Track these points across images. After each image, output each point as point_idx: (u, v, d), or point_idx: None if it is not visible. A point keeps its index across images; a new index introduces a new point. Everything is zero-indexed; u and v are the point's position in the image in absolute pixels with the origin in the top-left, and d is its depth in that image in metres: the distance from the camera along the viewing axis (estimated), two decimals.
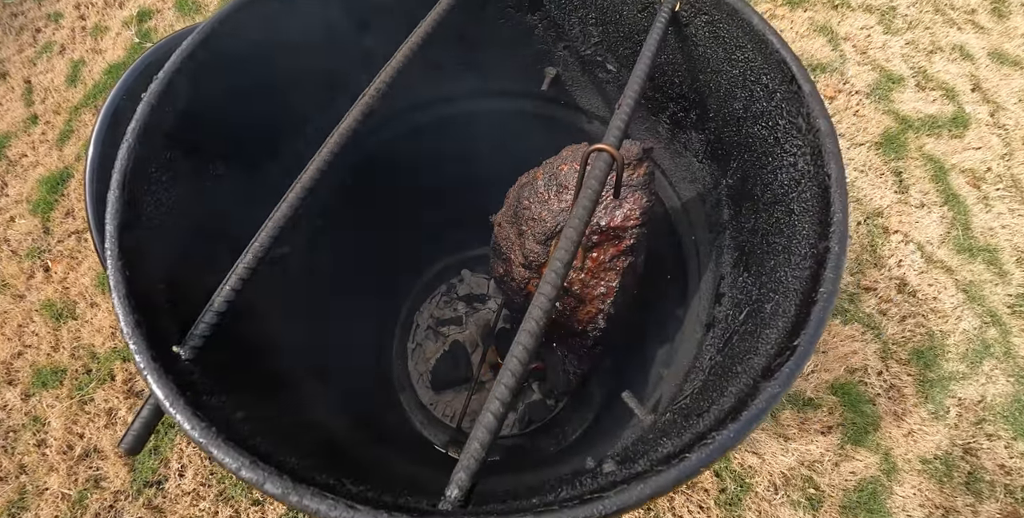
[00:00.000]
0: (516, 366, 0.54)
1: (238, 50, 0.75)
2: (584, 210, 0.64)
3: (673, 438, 0.63)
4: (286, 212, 0.63)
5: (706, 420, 0.59)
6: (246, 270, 0.59)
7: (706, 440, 0.51)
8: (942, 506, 1.72)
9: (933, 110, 2.12)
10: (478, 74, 1.04)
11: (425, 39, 0.73)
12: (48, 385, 1.70)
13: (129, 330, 0.52)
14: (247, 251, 0.60)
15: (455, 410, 1.56)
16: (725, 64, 0.81)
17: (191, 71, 0.70)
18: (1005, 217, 2.04)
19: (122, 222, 0.57)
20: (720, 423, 0.53)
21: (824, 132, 0.66)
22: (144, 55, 0.97)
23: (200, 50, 0.70)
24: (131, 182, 0.61)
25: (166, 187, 0.67)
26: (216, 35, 0.72)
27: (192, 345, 0.57)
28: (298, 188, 0.64)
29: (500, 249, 0.99)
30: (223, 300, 0.58)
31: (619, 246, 0.82)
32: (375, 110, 0.70)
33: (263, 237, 0.61)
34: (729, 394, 0.60)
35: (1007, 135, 2.13)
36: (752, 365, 0.62)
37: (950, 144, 2.09)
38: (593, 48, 0.96)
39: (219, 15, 0.72)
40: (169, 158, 0.69)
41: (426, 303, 1.62)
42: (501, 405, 0.50)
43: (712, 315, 0.93)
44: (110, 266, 0.55)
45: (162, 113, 0.68)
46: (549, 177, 0.83)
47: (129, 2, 2.49)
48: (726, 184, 0.91)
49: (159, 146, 0.68)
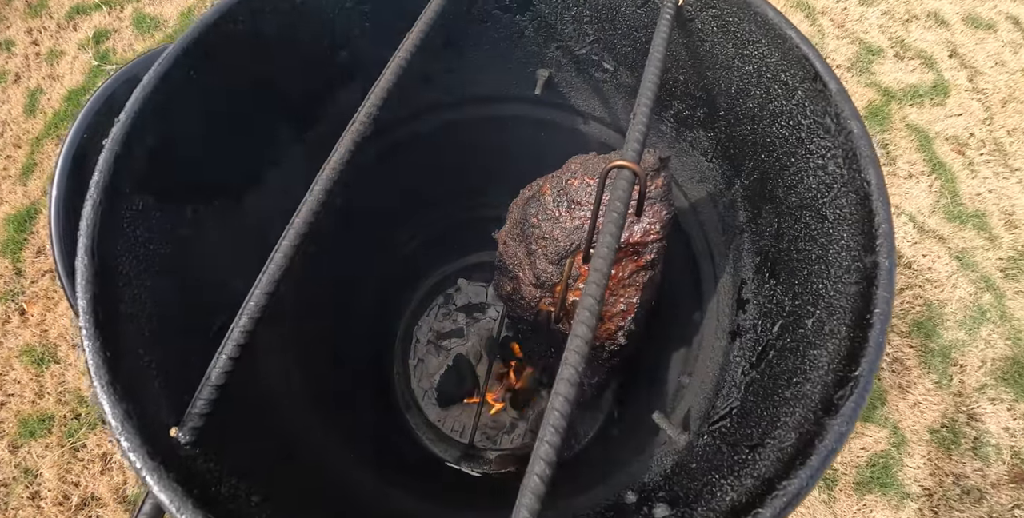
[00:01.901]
0: (557, 420, 0.49)
1: (207, 79, 0.67)
2: (612, 237, 0.58)
3: (727, 475, 0.59)
4: (281, 263, 0.56)
5: (764, 457, 0.55)
6: (242, 334, 0.52)
7: (776, 491, 0.47)
8: (952, 473, 1.75)
9: (914, 79, 2.10)
10: (466, 81, 0.97)
11: (412, 55, 0.66)
12: (36, 434, 1.61)
13: (118, 423, 0.46)
14: (242, 311, 0.53)
15: (464, 425, 1.51)
16: (736, 60, 0.75)
17: (156, 107, 0.62)
18: (991, 181, 2.05)
19: (96, 295, 0.50)
20: (787, 467, 0.49)
21: (857, 134, 0.61)
22: (104, 85, 0.86)
23: (163, 84, 0.62)
24: (101, 245, 0.53)
25: (142, 243, 0.59)
26: (179, 65, 0.63)
27: (192, 425, 0.51)
28: (291, 234, 0.57)
29: (507, 267, 0.94)
30: (220, 371, 0.51)
31: (639, 261, 0.77)
32: (367, 136, 0.63)
33: (258, 294, 0.54)
34: (785, 426, 0.56)
35: (986, 99, 2.13)
36: (804, 392, 0.58)
37: (932, 112, 2.08)
38: (588, 47, 0.89)
39: (182, 42, 0.64)
40: (140, 208, 0.61)
41: (424, 316, 1.55)
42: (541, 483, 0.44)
43: (736, 323, 0.89)
44: (87, 348, 0.48)
45: (128, 158, 0.60)
46: (558, 193, 0.77)
47: (84, 23, 2.31)
48: (741, 185, 0.86)
49: (128, 195, 0.60)
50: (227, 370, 0.49)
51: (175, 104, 0.65)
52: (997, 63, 2.16)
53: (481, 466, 1.44)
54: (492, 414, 1.51)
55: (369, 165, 1.02)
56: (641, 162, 0.76)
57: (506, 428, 1.51)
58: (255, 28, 0.72)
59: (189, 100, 0.68)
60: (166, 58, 0.61)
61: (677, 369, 1.08)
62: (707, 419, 0.81)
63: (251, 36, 0.74)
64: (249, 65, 0.75)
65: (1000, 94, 2.12)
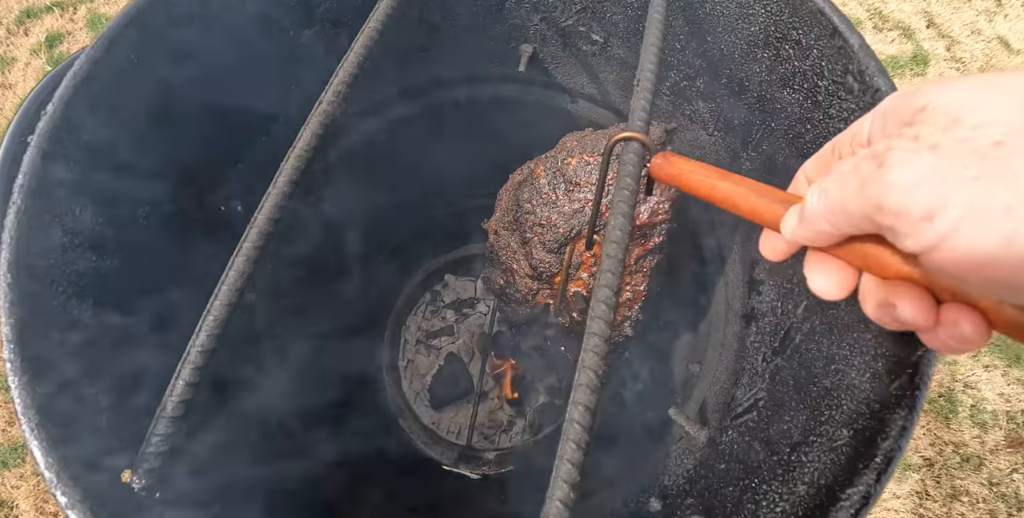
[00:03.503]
0: (579, 434, 0.41)
1: (150, 64, 0.58)
2: (625, 218, 0.51)
3: (769, 480, 0.53)
4: (243, 269, 0.47)
5: (814, 459, 0.48)
6: (201, 355, 0.44)
7: (841, 501, 0.41)
8: (951, 442, 1.74)
9: (893, 50, 2.07)
10: (442, 61, 0.89)
11: (380, 32, 0.58)
12: (9, 464, 1.51)
13: (53, 474, 0.37)
14: (199, 327, 0.45)
15: (460, 426, 1.44)
16: (740, 21, 0.69)
17: (89, 98, 0.53)
18: None
19: (22, 320, 0.41)
20: (849, 471, 0.43)
21: (886, 92, 0.55)
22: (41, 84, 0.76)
23: (96, 69, 0.53)
24: (26, 259, 0.44)
25: (78, 254, 0.50)
26: (117, 46, 0.54)
27: (148, 467, 0.42)
28: (253, 234, 0.49)
29: (499, 259, 0.86)
30: (177, 400, 0.42)
31: (646, 245, 0.70)
32: (328, 130, 0.54)
33: (217, 305, 0.45)
34: (832, 421, 0.50)
35: (964, 68, 2.12)
36: (849, 381, 0.52)
37: (914, 83, 2.06)
38: (575, 17, 0.81)
39: (120, 21, 0.54)
40: (76, 214, 0.52)
41: (411, 316, 1.47)
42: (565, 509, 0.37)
43: (750, 305, 0.83)
44: (13, 384, 0.39)
45: (56, 158, 0.50)
46: (553, 174, 0.70)
47: (35, 27, 2.15)
48: (748, 157, 0.80)
49: (58, 201, 0.51)
50: (185, 398, 0.41)
51: (111, 93, 0.56)
52: (973, 32, 2.15)
53: (480, 467, 1.37)
54: (511, 398, 1.44)
55: (338, 162, 0.93)
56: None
57: (503, 426, 1.44)
58: (199, 4, 0.63)
59: (129, 88, 0.59)
60: (102, 38, 0.52)
61: (684, 357, 1.02)
62: (728, 412, 0.75)
63: (195, 15, 0.64)
64: (198, 48, 0.66)
65: (978, 62, 2.11)
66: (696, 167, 0.49)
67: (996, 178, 0.24)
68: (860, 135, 0.34)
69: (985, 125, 0.25)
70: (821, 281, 0.37)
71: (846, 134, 0.36)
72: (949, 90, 0.27)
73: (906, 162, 0.26)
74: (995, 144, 0.24)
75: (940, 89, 0.28)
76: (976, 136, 0.25)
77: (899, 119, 0.30)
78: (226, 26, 0.67)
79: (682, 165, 0.49)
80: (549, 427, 1.44)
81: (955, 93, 0.27)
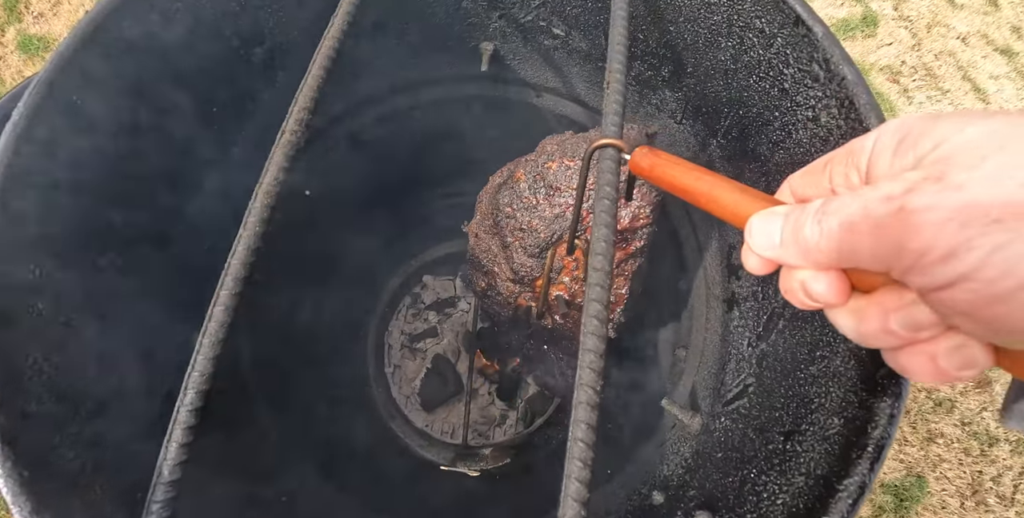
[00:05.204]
0: (583, 452, 0.42)
1: (95, 102, 0.54)
2: (608, 229, 0.50)
3: (766, 470, 0.55)
4: (222, 319, 0.46)
5: (808, 448, 0.50)
6: (191, 413, 0.42)
7: (839, 492, 0.43)
8: (923, 388, 1.84)
9: (844, 14, 2.10)
10: (401, 65, 0.86)
11: (340, 42, 0.55)
12: None
13: None
14: (186, 385, 0.43)
15: (453, 425, 1.45)
16: (702, 10, 0.68)
17: (38, 147, 0.50)
18: (925, 105, 2.09)
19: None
20: (843, 461, 0.44)
21: (852, 81, 0.56)
22: None
23: (38, 116, 0.49)
24: None
25: (48, 313, 0.48)
26: (57, 90, 0.51)
27: None
28: (229, 281, 0.47)
29: (480, 262, 0.85)
30: (173, 463, 0.41)
31: (627, 249, 0.71)
32: (294, 163, 0.52)
33: (200, 361, 0.44)
34: (822, 409, 0.52)
35: (912, 26, 2.15)
36: (835, 368, 0.54)
37: (865, 44, 2.09)
38: (535, 13, 0.79)
39: (56, 61, 0.50)
40: (38, 274, 0.49)
41: (393, 321, 1.46)
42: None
43: (730, 290, 0.85)
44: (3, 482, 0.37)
45: (11, 213, 0.47)
46: (534, 178, 0.69)
47: None
48: (718, 145, 0.80)
49: (22, 259, 0.48)
50: (180, 460, 0.39)
51: (60, 140, 0.53)
52: None
53: (477, 463, 1.39)
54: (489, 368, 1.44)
55: (298, 179, 0.90)
56: (626, 139, 0.69)
57: (496, 421, 1.46)
58: (142, 33, 0.59)
59: (75, 131, 0.56)
60: (38, 86, 0.48)
61: (669, 342, 1.04)
62: (719, 398, 0.77)
63: (139, 44, 0.60)
64: (143, 79, 0.62)
65: (924, 20, 2.15)
66: (678, 160, 0.49)
67: (1019, 222, 0.24)
68: (859, 157, 0.34)
69: (1014, 168, 0.25)
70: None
71: (842, 152, 0.35)
72: (973, 126, 0.27)
73: (930, 205, 0.26)
74: (1020, 186, 0.24)
75: (962, 124, 0.27)
76: (1004, 177, 0.25)
77: (916, 153, 0.29)
78: (171, 60, 0.63)
79: (664, 157, 0.49)
80: (540, 418, 1.47)
81: (979, 130, 0.27)
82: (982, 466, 1.71)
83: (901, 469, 1.72)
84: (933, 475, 1.71)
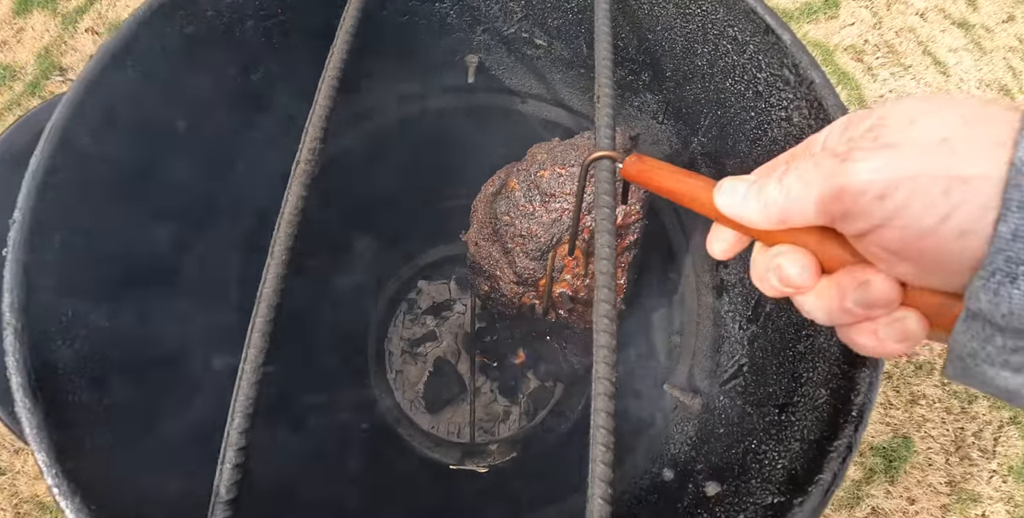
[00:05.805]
0: (605, 437, 0.47)
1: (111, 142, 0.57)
2: (610, 235, 0.55)
3: (765, 439, 0.61)
4: (261, 345, 0.49)
5: (801, 418, 0.56)
6: (241, 435, 0.45)
7: (830, 453, 0.48)
8: (904, 354, 1.92)
9: None
10: (389, 82, 0.89)
11: (342, 71, 0.59)
12: None
13: None
14: (232, 408, 0.46)
15: (459, 425, 1.49)
16: (678, 19, 0.72)
17: (57, 197, 0.53)
18: (889, 82, 2.17)
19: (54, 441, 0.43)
20: (832, 426, 0.50)
21: (820, 84, 0.61)
22: None
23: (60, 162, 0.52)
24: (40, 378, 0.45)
25: (82, 352, 0.51)
26: (73, 136, 0.54)
27: None
28: (263, 308, 0.51)
29: (481, 267, 0.90)
30: (229, 483, 0.43)
31: (622, 242, 0.76)
32: (311, 191, 0.56)
33: (244, 386, 0.47)
34: (811, 382, 0.58)
35: (872, 4, 2.22)
36: (819, 345, 0.59)
37: (828, 26, 2.15)
38: (517, 25, 0.83)
39: (67, 109, 0.53)
40: (70, 315, 0.53)
41: (391, 328, 1.49)
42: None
43: (719, 277, 0.90)
44: None
45: (39, 264, 0.51)
46: (528, 186, 0.74)
47: None
48: (699, 142, 0.85)
49: (53, 304, 0.51)
50: (236, 480, 0.44)
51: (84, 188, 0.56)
52: None
53: (485, 459, 1.44)
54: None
55: None
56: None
57: (501, 417, 1.50)
58: (146, 70, 0.62)
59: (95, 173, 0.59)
60: (51, 135, 0.51)
61: (665, 330, 1.10)
62: (716, 378, 0.83)
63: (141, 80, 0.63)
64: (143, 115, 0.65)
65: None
66: (663, 164, 0.54)
67: (937, 167, 0.29)
68: (814, 148, 0.39)
69: (935, 127, 0.31)
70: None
71: (801, 147, 0.41)
72: (906, 101, 0.33)
73: (867, 156, 0.31)
74: (942, 140, 0.30)
75: (897, 102, 0.33)
76: (927, 135, 0.30)
77: (860, 126, 0.34)
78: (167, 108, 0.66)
79: (652, 163, 0.54)
80: (543, 410, 1.51)
81: (911, 103, 0.33)
82: (963, 423, 1.81)
83: (888, 432, 1.81)
84: (918, 435, 1.80)
